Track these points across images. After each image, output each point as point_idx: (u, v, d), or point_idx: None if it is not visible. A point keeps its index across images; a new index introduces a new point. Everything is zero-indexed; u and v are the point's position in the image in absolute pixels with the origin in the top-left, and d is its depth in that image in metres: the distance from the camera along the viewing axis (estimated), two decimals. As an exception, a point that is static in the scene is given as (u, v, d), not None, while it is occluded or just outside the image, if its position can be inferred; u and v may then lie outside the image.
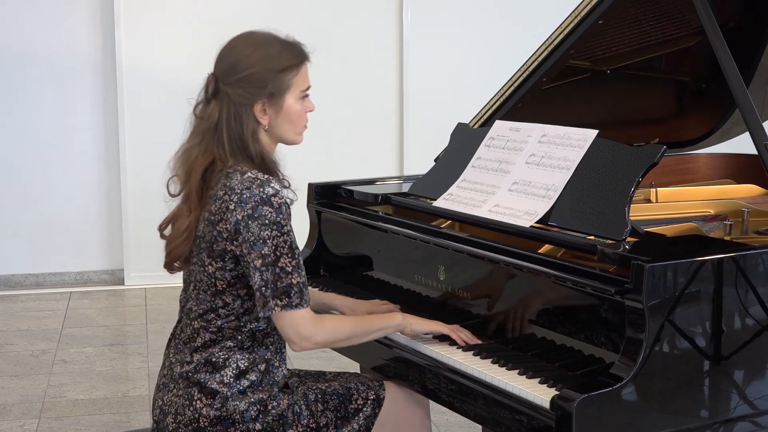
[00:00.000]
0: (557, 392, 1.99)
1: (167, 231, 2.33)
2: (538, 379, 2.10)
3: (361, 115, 6.40)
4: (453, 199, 2.64)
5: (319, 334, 2.22)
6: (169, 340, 2.38)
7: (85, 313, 5.56)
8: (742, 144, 2.92)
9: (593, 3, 2.78)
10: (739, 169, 3.33)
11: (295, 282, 2.16)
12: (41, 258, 6.16)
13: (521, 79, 2.96)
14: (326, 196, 3.06)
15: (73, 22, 6.05)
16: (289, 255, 2.16)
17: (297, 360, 4.58)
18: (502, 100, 3.01)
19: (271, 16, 6.12)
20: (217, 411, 2.22)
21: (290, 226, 2.20)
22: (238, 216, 2.16)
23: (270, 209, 2.15)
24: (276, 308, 2.15)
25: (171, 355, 2.34)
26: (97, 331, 5.22)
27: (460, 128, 2.89)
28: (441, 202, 2.67)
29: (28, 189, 6.10)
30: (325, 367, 4.19)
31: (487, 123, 2.94)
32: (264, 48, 2.26)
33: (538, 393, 2.03)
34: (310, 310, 2.21)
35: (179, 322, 2.36)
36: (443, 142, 2.93)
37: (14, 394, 4.24)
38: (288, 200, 2.22)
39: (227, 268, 2.21)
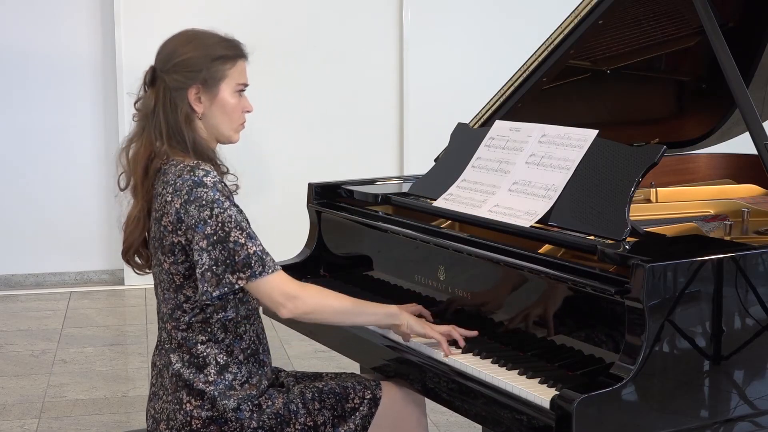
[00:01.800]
0: (557, 392, 1.99)
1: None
2: (538, 379, 2.10)
3: (361, 115, 6.40)
4: (453, 199, 2.64)
5: (306, 295, 2.22)
6: (153, 351, 2.40)
7: (85, 313, 5.56)
8: (742, 144, 2.92)
9: (593, 3, 2.78)
10: (739, 169, 3.33)
11: (252, 251, 2.16)
12: (41, 258, 6.16)
13: (521, 79, 2.96)
14: (326, 196, 3.06)
15: (73, 22, 6.05)
16: (238, 228, 2.16)
17: (297, 360, 4.58)
18: (502, 100, 3.01)
19: (270, 16, 6.14)
20: (209, 411, 2.22)
21: (232, 201, 2.20)
22: (176, 205, 2.18)
23: (204, 189, 2.16)
24: (240, 282, 2.15)
25: (156, 363, 2.36)
26: (97, 331, 5.22)
27: (460, 128, 2.89)
28: (441, 202, 2.67)
29: (29, 189, 6.10)
30: (325, 368, 4.20)
31: (487, 123, 2.94)
32: (201, 39, 2.31)
33: (538, 393, 2.03)
34: (283, 273, 2.21)
35: (159, 330, 2.37)
36: (443, 142, 2.93)
37: (14, 394, 4.24)
38: (223, 180, 2.24)
39: (179, 261, 2.22)
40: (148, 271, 2.40)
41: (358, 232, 2.88)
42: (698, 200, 2.85)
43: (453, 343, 2.35)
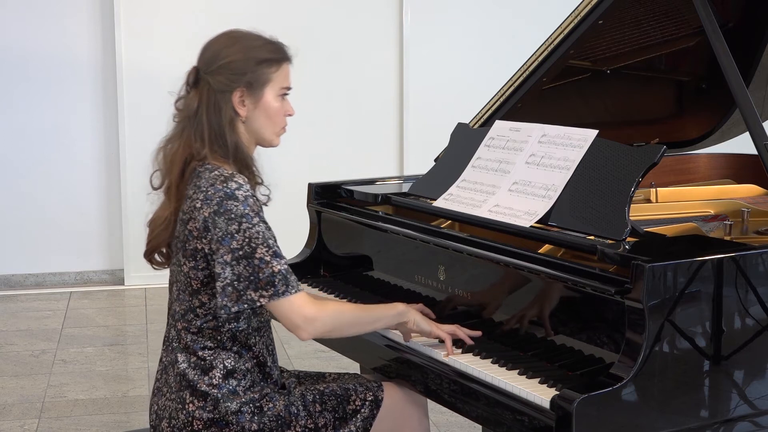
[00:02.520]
0: (557, 392, 1.99)
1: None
2: (538, 379, 2.10)
3: (361, 115, 6.41)
4: (453, 199, 2.64)
5: (324, 316, 2.20)
6: (162, 345, 2.40)
7: (85, 313, 5.56)
8: (742, 144, 2.92)
9: (593, 3, 2.78)
10: (739, 169, 3.33)
11: (276, 270, 2.14)
12: (41, 258, 6.16)
13: (521, 79, 2.96)
14: (326, 196, 3.06)
15: (73, 22, 6.05)
16: (264, 245, 2.14)
17: (297, 360, 4.58)
18: (502, 100, 3.01)
19: (271, 16, 6.13)
20: (210, 413, 2.22)
21: (261, 217, 2.19)
22: (205, 213, 2.16)
23: (235, 203, 2.15)
24: (262, 300, 2.14)
25: (163, 359, 2.36)
26: (97, 331, 5.22)
27: (460, 128, 2.89)
28: (441, 202, 2.67)
29: (29, 189, 6.10)
30: (326, 368, 4.19)
31: (487, 123, 2.94)
32: (246, 40, 2.28)
33: (538, 393, 2.03)
34: (305, 294, 2.20)
35: (167, 325, 2.37)
36: (443, 142, 2.93)
37: (14, 394, 4.24)
38: (255, 194, 2.23)
39: (199, 267, 2.21)
40: (166, 267, 2.39)
41: (358, 232, 2.88)
42: (698, 200, 2.85)
43: (457, 342, 2.34)
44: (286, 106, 2.32)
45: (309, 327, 2.18)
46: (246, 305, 2.14)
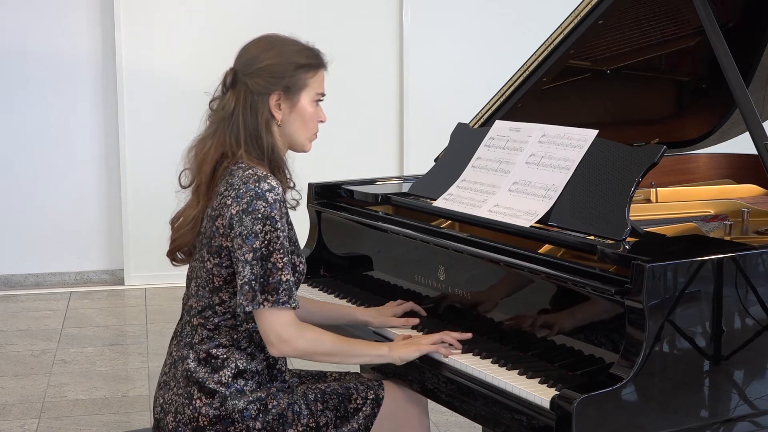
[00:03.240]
0: (557, 392, 1.99)
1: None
2: (538, 379, 2.10)
3: (361, 115, 6.40)
4: (453, 199, 2.64)
5: (300, 341, 2.20)
6: (172, 338, 2.39)
7: (85, 313, 5.56)
8: (742, 144, 2.92)
9: (593, 3, 2.78)
10: (739, 169, 3.33)
11: (284, 279, 2.16)
12: (41, 258, 6.16)
13: (521, 79, 2.96)
14: (326, 196, 3.06)
15: (73, 22, 6.05)
16: (281, 252, 2.16)
17: (297, 360, 4.58)
18: (502, 100, 3.01)
19: (271, 16, 6.13)
20: (216, 410, 2.22)
21: (285, 224, 2.20)
22: (233, 211, 2.18)
23: (264, 204, 2.16)
24: (265, 303, 2.15)
25: (173, 353, 2.35)
26: (97, 331, 5.22)
27: (460, 128, 2.89)
28: (441, 202, 2.67)
29: (29, 189, 6.10)
30: (325, 368, 4.19)
31: (487, 123, 2.94)
32: (285, 45, 2.31)
33: (538, 393, 2.03)
34: (294, 315, 2.21)
35: (181, 319, 2.37)
36: (443, 142, 2.93)
37: (14, 394, 4.24)
38: (285, 198, 2.23)
39: (223, 264, 2.23)
40: (187, 263, 2.39)
41: (358, 232, 2.88)
42: (698, 200, 2.85)
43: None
44: (320, 112, 2.35)
45: (281, 347, 2.20)
46: (257, 306, 2.16)
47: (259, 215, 2.15)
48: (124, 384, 4.38)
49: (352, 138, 6.39)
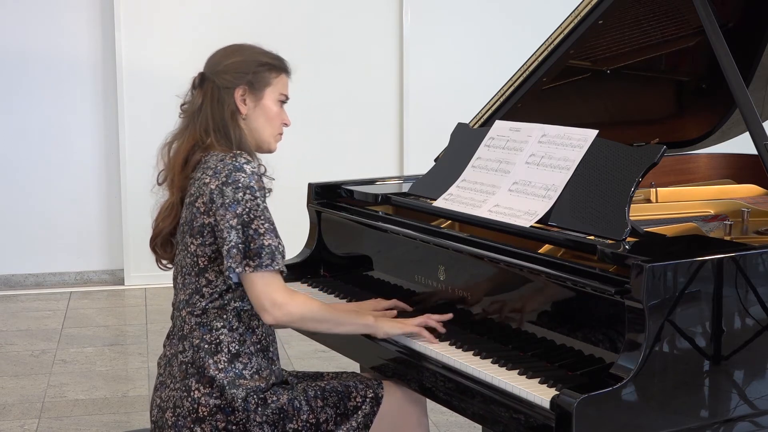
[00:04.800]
0: (557, 392, 1.99)
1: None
2: (538, 379, 2.10)
3: (361, 115, 6.41)
4: (453, 199, 2.64)
5: (292, 304, 2.25)
6: (164, 343, 2.41)
7: (85, 313, 5.56)
8: (742, 144, 2.92)
9: (593, 3, 2.78)
10: (739, 169, 3.33)
11: (266, 243, 2.22)
12: (41, 258, 6.16)
13: (521, 79, 2.96)
14: (326, 196, 3.06)
15: (73, 22, 6.05)
16: (262, 218, 2.24)
17: (297, 360, 4.58)
18: (502, 100, 3.01)
19: (271, 16, 6.13)
20: (217, 399, 2.24)
21: (264, 196, 2.28)
22: (212, 186, 2.25)
23: (243, 174, 2.24)
24: (247, 268, 2.20)
25: (167, 353, 2.38)
26: (97, 331, 5.22)
27: (460, 128, 2.89)
28: (441, 202, 2.67)
29: (29, 189, 6.10)
30: (326, 368, 4.19)
31: (487, 123, 2.94)
32: (249, 49, 2.44)
33: (538, 393, 2.03)
34: (281, 279, 2.25)
35: (172, 324, 2.40)
36: (443, 142, 2.93)
37: (14, 394, 4.24)
38: (261, 175, 2.31)
39: (207, 242, 2.27)
40: (169, 266, 2.45)
41: (358, 232, 2.88)
42: (698, 200, 2.85)
43: (452, 342, 2.35)
44: (283, 114, 2.44)
45: (275, 311, 2.23)
46: (243, 270, 2.20)
47: (240, 185, 2.23)
48: (124, 384, 4.38)
49: (352, 138, 6.39)
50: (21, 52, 5.99)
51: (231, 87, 2.35)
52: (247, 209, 2.22)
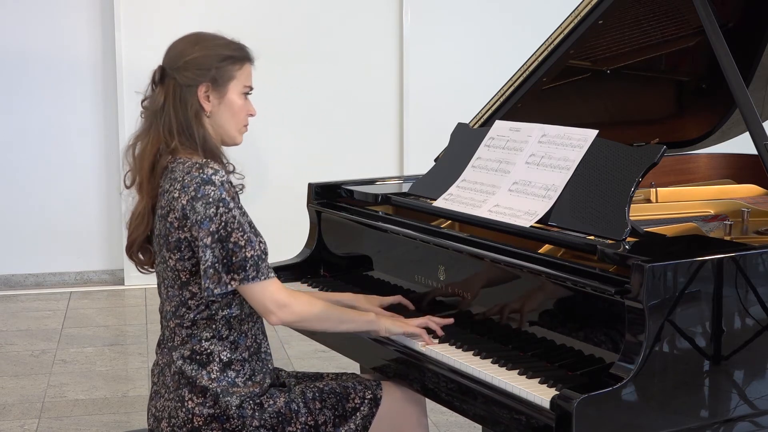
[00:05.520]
0: (557, 392, 1.99)
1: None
2: (538, 379, 2.10)
3: (361, 115, 6.40)
4: (453, 199, 2.64)
5: (297, 303, 2.25)
6: (156, 349, 2.40)
7: (85, 313, 5.56)
8: (742, 144, 2.92)
9: (593, 3, 2.78)
10: (739, 169, 3.33)
11: (249, 255, 2.19)
12: (41, 258, 6.16)
13: (521, 79, 2.96)
14: (326, 196, 3.06)
15: (73, 22, 6.05)
16: (239, 230, 2.19)
17: (297, 360, 4.58)
18: (502, 100, 3.01)
19: (271, 16, 6.14)
20: (211, 409, 2.23)
21: (237, 203, 2.23)
22: (183, 201, 2.20)
23: (212, 188, 2.19)
24: (233, 283, 2.18)
25: (159, 362, 2.36)
26: (97, 331, 5.22)
27: (460, 128, 2.89)
28: (441, 202, 2.67)
29: (29, 189, 6.10)
30: (326, 368, 4.20)
31: (487, 123, 2.94)
32: (209, 41, 2.36)
33: (538, 393, 2.03)
34: (277, 280, 2.24)
35: (161, 328, 2.38)
36: (443, 142, 2.93)
37: (14, 394, 4.24)
38: (231, 180, 2.26)
39: (185, 257, 2.24)
40: (150, 269, 2.41)
41: (358, 232, 2.88)
42: (698, 200, 2.85)
43: (452, 343, 2.35)
44: (249, 106, 2.38)
45: (280, 312, 2.23)
46: (225, 288, 2.18)
47: (210, 199, 2.18)
48: (124, 384, 4.38)
49: (352, 138, 6.39)
50: (21, 52, 5.99)
51: (193, 85, 2.29)
52: (222, 223, 2.17)
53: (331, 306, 2.37)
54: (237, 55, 2.34)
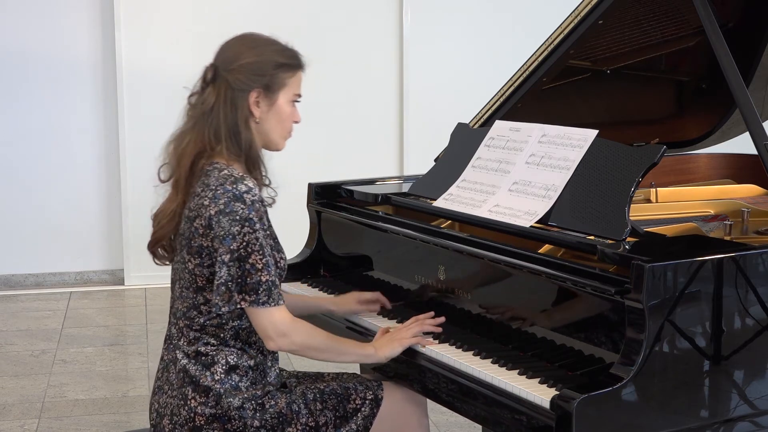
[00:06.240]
0: (557, 392, 1.99)
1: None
2: (538, 379, 2.10)
3: (361, 116, 6.40)
4: (453, 199, 2.64)
5: (296, 334, 2.24)
6: (163, 343, 2.40)
7: (85, 313, 5.56)
8: (742, 144, 2.92)
9: (593, 3, 2.78)
10: (739, 169, 3.33)
11: (264, 280, 2.18)
12: (41, 258, 6.16)
13: (521, 79, 2.96)
14: (326, 196, 3.06)
15: (73, 22, 6.05)
16: (260, 252, 2.18)
17: (297, 360, 4.58)
18: (502, 100, 3.01)
19: (271, 16, 6.13)
20: (212, 409, 2.23)
21: (265, 223, 2.22)
22: (211, 211, 2.19)
23: (242, 205, 2.18)
24: (243, 303, 2.18)
25: (164, 357, 2.37)
26: (97, 331, 5.22)
27: (460, 128, 2.89)
28: (441, 202, 2.67)
29: (29, 189, 6.10)
30: (325, 368, 4.19)
31: (487, 123, 2.94)
32: (265, 45, 2.34)
33: (538, 393, 2.03)
34: (285, 309, 2.23)
35: (169, 323, 2.38)
36: (443, 142, 2.93)
37: (14, 394, 4.24)
38: (263, 198, 2.26)
39: (205, 264, 2.24)
40: (168, 263, 2.41)
41: (358, 232, 2.88)
42: (698, 200, 2.85)
43: (452, 343, 2.35)
44: (295, 113, 2.38)
45: (279, 340, 2.23)
46: (233, 306, 2.18)
47: (237, 217, 2.17)
48: (124, 384, 4.38)
49: (352, 138, 6.39)
50: (21, 52, 5.99)
51: (246, 90, 2.27)
52: (244, 243, 2.17)
53: (331, 338, 2.34)
54: (291, 63, 2.34)
